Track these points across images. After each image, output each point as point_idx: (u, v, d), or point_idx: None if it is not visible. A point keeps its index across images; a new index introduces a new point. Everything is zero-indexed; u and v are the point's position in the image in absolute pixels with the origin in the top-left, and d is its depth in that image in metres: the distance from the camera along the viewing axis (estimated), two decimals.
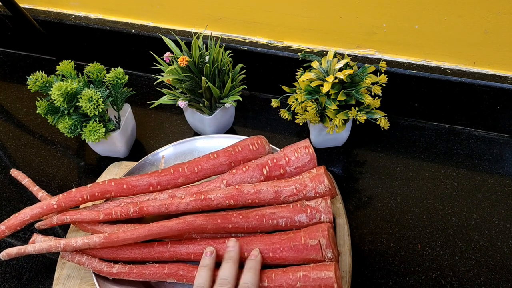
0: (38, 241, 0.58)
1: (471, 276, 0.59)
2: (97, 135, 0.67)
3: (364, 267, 0.61)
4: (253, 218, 0.56)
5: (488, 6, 0.64)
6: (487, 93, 0.71)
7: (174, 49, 0.73)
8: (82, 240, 0.55)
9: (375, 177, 0.71)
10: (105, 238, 0.55)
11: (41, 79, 0.69)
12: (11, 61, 1.00)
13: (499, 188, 0.68)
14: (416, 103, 0.77)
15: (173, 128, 0.82)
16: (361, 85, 0.67)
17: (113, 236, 0.55)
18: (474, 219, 0.65)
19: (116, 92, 0.71)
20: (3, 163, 0.78)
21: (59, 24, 0.90)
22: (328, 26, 0.75)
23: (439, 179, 0.70)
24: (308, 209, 0.55)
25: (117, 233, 0.55)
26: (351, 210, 0.67)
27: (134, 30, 0.86)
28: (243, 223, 0.56)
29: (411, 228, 0.64)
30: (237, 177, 0.60)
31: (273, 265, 0.54)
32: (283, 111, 0.72)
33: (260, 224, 0.56)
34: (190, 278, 0.54)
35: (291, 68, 0.78)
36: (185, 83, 0.70)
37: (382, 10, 0.70)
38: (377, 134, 0.77)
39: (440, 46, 0.72)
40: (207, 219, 0.55)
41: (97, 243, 0.55)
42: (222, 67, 0.71)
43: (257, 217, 0.56)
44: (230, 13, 0.79)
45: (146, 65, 0.82)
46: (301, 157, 0.60)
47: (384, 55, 0.76)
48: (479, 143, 0.75)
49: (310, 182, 0.57)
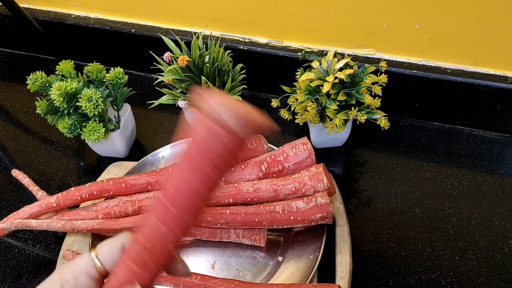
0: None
1: (472, 276, 0.59)
2: (96, 135, 0.67)
3: (364, 267, 0.61)
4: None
5: (489, 5, 0.64)
6: (488, 93, 0.71)
7: (174, 49, 0.73)
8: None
9: (375, 177, 0.71)
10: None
11: (40, 79, 0.69)
12: (11, 61, 1.00)
13: (500, 188, 0.68)
14: (416, 103, 0.77)
15: (173, 128, 0.82)
16: (361, 85, 0.67)
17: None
18: (474, 219, 0.65)
19: (116, 92, 0.71)
20: (3, 163, 0.78)
21: (58, 24, 0.90)
22: (328, 26, 0.75)
23: (440, 179, 0.70)
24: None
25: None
26: (351, 210, 0.67)
27: (134, 30, 0.86)
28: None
29: (412, 228, 0.64)
30: (235, 175, 0.60)
31: None
32: (283, 111, 0.72)
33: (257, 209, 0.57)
34: (187, 283, 0.54)
35: (291, 68, 0.77)
36: (185, 83, 0.70)
37: (382, 10, 0.70)
38: (377, 134, 0.77)
39: (440, 46, 0.71)
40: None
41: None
42: (222, 67, 0.71)
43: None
44: (230, 13, 0.79)
45: (146, 65, 0.82)
46: (299, 153, 0.60)
47: (384, 55, 0.76)
48: (479, 143, 0.75)
49: (309, 180, 0.57)
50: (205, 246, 0.62)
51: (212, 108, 0.29)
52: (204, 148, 0.29)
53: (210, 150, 0.29)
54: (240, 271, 0.59)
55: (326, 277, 0.58)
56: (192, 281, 0.54)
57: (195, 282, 0.54)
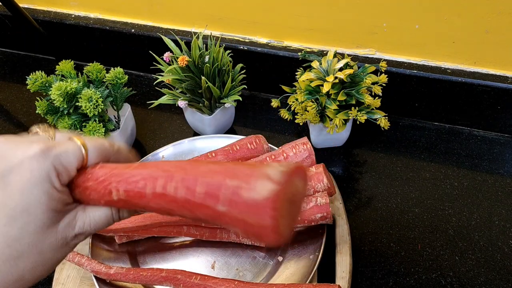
0: None
1: (472, 276, 0.59)
2: (96, 135, 0.67)
3: (364, 267, 0.61)
4: None
5: (489, 6, 0.64)
6: (488, 93, 0.71)
7: (174, 49, 0.73)
8: None
9: (375, 177, 0.71)
10: None
11: (40, 79, 0.69)
12: (11, 61, 1.00)
13: (500, 188, 0.68)
14: (416, 103, 0.77)
15: (173, 128, 0.82)
16: (361, 85, 0.67)
17: None
18: (474, 219, 0.65)
19: (116, 92, 0.71)
20: None
21: (58, 23, 0.90)
22: (328, 26, 0.75)
23: (440, 179, 0.70)
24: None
25: None
26: (351, 210, 0.67)
27: (134, 30, 0.86)
28: None
29: (411, 228, 0.64)
30: None
31: None
32: (283, 111, 0.72)
33: None
34: (187, 283, 0.54)
35: (291, 68, 0.77)
36: (185, 83, 0.70)
37: (382, 10, 0.70)
38: (377, 134, 0.77)
39: (440, 46, 0.71)
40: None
41: None
42: (222, 67, 0.71)
43: None
44: (230, 13, 0.79)
45: (146, 65, 0.82)
46: (299, 153, 0.60)
47: (384, 55, 0.76)
48: (479, 143, 0.75)
49: (309, 180, 0.57)
50: (205, 246, 0.62)
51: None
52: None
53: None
54: (240, 271, 0.59)
55: (326, 277, 0.58)
56: (192, 281, 0.54)
57: (195, 282, 0.54)
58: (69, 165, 0.30)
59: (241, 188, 0.26)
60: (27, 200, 0.28)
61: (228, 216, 0.27)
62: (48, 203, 0.29)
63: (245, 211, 0.26)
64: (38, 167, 0.28)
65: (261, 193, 0.25)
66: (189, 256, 0.61)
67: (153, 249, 0.62)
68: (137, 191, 0.30)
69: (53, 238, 0.30)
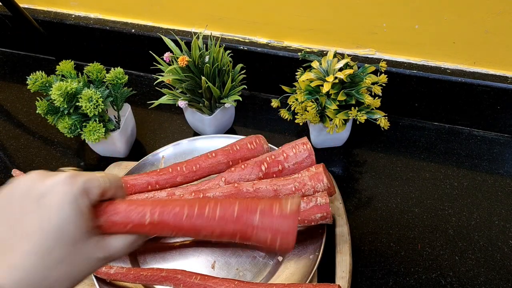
0: None
1: (471, 276, 0.59)
2: (97, 135, 0.67)
3: (364, 267, 0.61)
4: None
5: (488, 6, 0.64)
6: (487, 93, 0.71)
7: (174, 49, 0.73)
8: None
9: (375, 177, 0.71)
10: None
11: (41, 79, 0.69)
12: (11, 61, 1.00)
13: (499, 188, 0.68)
14: (416, 103, 0.77)
15: (173, 128, 0.82)
16: (361, 85, 0.67)
17: None
18: (474, 219, 0.65)
19: (116, 92, 0.71)
20: (3, 163, 0.78)
21: (58, 24, 0.90)
22: (328, 26, 0.75)
23: (439, 179, 0.70)
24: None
25: None
26: (351, 210, 0.67)
27: (134, 30, 0.86)
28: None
29: (411, 228, 0.64)
30: (235, 175, 0.60)
31: None
32: (283, 111, 0.72)
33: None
34: (187, 283, 0.54)
35: (291, 68, 0.77)
36: (185, 83, 0.70)
37: (382, 10, 0.70)
38: (377, 134, 0.77)
39: (440, 46, 0.72)
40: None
41: None
42: (222, 67, 0.71)
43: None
44: (230, 13, 0.79)
45: (146, 65, 0.82)
46: (299, 153, 0.60)
47: (384, 55, 0.76)
48: (479, 143, 0.75)
49: (309, 180, 0.57)
50: (205, 246, 0.62)
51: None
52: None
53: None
54: (240, 271, 0.59)
55: (326, 277, 0.58)
56: (192, 281, 0.54)
57: (195, 282, 0.54)
58: (94, 190, 0.35)
59: (272, 205, 0.36)
60: (60, 217, 0.33)
61: (260, 227, 0.35)
62: (77, 220, 0.33)
63: (276, 222, 0.35)
64: (68, 189, 0.33)
65: (288, 208, 0.36)
66: (189, 256, 0.61)
67: (153, 249, 0.62)
68: (173, 214, 0.36)
69: (82, 253, 0.34)
